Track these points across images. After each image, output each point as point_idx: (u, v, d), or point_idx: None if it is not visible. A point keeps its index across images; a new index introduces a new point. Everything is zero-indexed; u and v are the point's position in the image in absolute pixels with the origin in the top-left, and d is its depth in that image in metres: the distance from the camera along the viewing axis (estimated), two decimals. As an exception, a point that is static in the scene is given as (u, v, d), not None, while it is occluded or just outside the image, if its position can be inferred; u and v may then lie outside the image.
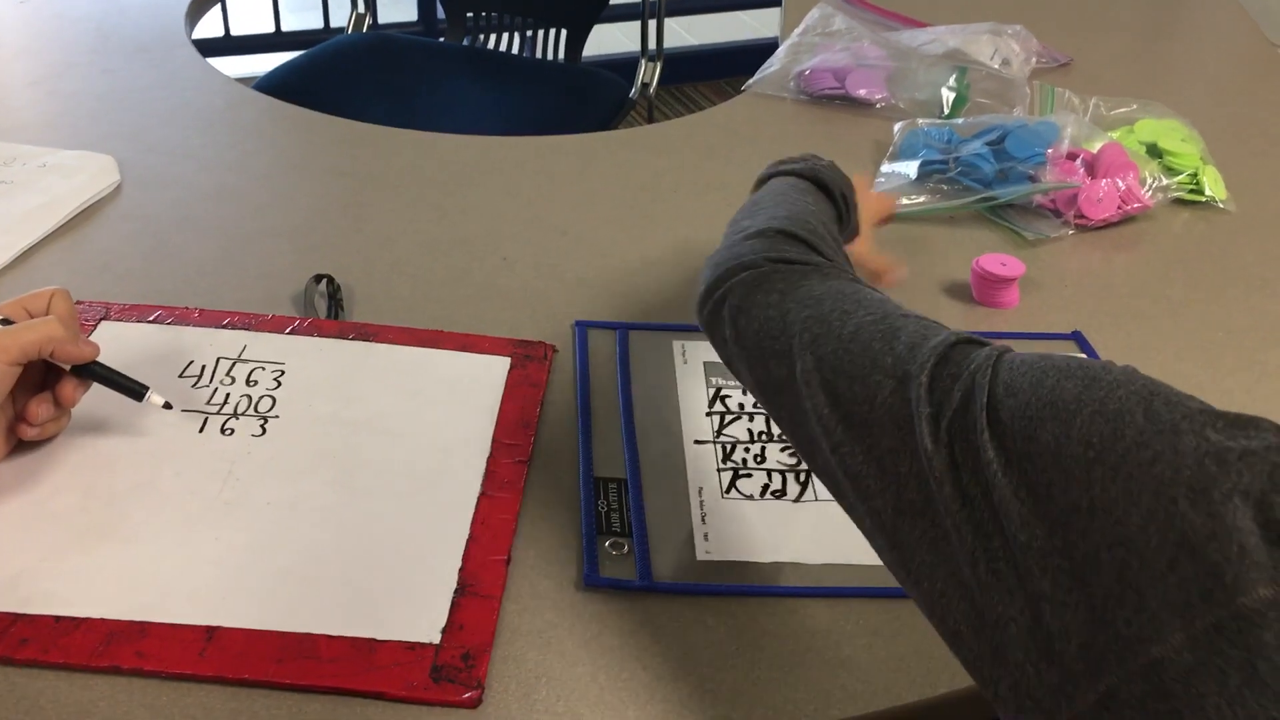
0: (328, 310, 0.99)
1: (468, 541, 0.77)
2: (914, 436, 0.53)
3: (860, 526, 0.58)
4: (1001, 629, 0.48)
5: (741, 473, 0.85)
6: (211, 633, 0.69)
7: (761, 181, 0.89)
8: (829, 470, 0.59)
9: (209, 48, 1.53)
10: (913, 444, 0.53)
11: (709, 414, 0.90)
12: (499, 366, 0.93)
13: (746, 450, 0.87)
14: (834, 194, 0.85)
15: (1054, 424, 0.48)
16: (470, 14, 2.15)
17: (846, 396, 0.58)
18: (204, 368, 0.90)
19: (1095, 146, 1.23)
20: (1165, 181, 1.22)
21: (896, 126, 1.31)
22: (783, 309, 0.65)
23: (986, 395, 0.51)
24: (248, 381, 0.89)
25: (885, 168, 1.26)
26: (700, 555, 0.78)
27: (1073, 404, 0.48)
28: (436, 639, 0.70)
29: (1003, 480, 0.49)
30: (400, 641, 0.70)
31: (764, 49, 1.54)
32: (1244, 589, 0.40)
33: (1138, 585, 0.43)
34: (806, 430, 0.60)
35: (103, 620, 0.69)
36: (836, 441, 0.58)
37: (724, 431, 0.89)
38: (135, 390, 0.82)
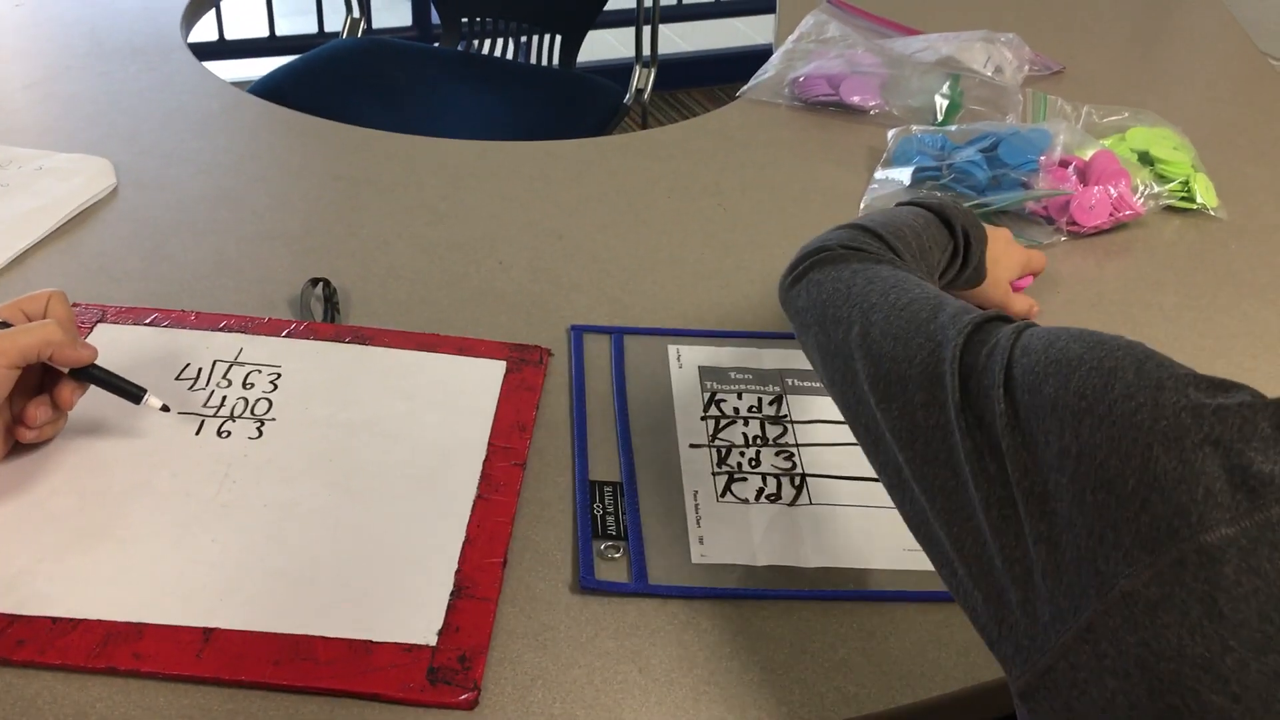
0: (324, 313, 0.99)
1: (464, 544, 0.77)
2: (943, 391, 0.58)
3: (889, 480, 0.63)
4: (1009, 569, 0.52)
5: (736, 476, 0.85)
6: (208, 634, 0.69)
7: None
8: (871, 426, 0.64)
9: (203, 51, 1.52)
10: (942, 398, 0.58)
11: (704, 418, 0.91)
12: (495, 370, 0.93)
13: (741, 454, 0.87)
14: (954, 228, 0.88)
15: (1055, 379, 0.52)
16: (465, 19, 2.15)
17: (890, 355, 0.64)
18: (200, 370, 0.90)
19: (1087, 154, 1.24)
20: (1157, 189, 1.23)
21: (890, 133, 1.32)
22: (850, 283, 0.72)
23: (1007, 356, 0.56)
24: (244, 384, 0.89)
25: (879, 174, 1.26)
26: (695, 558, 0.78)
27: (1074, 360, 0.53)
28: (433, 641, 0.70)
29: (1009, 430, 0.53)
30: (397, 643, 0.70)
31: (758, 55, 1.55)
32: (1207, 527, 0.44)
33: (1115, 524, 0.47)
34: (856, 390, 0.66)
35: (100, 621, 0.70)
36: (880, 396, 0.63)
37: (719, 435, 0.89)
38: (133, 393, 0.82)
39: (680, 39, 3.47)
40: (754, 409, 0.92)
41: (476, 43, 2.16)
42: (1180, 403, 0.47)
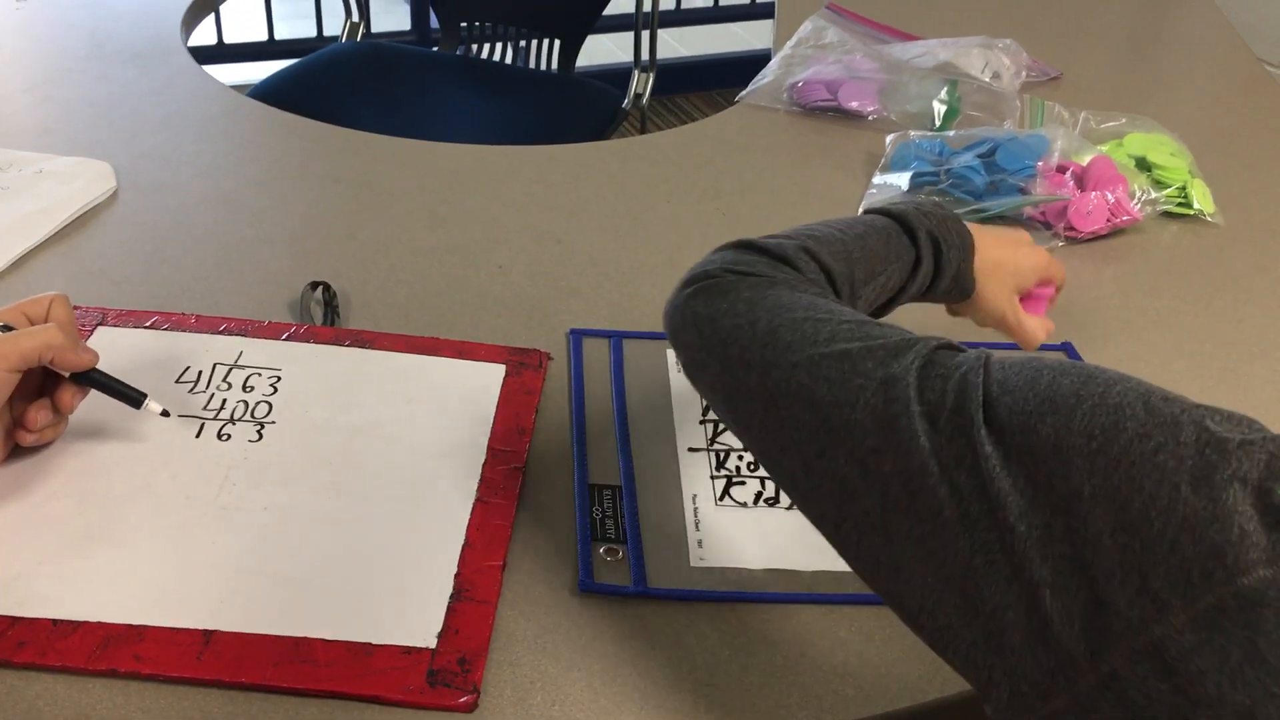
0: (324, 317, 0.99)
1: (463, 547, 0.77)
2: (897, 435, 0.54)
3: (830, 531, 0.58)
4: (997, 618, 0.49)
5: (735, 480, 0.86)
6: (209, 636, 0.70)
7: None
8: (801, 476, 0.59)
9: (203, 55, 1.52)
10: (896, 442, 0.54)
11: (703, 421, 0.91)
12: (494, 374, 0.93)
13: (740, 458, 0.88)
14: (916, 235, 0.78)
15: (1053, 417, 0.49)
16: (464, 24, 2.16)
17: (826, 400, 0.57)
18: (200, 373, 0.91)
19: (1085, 160, 1.24)
20: (1154, 195, 1.24)
21: (888, 138, 1.32)
22: (750, 317, 0.64)
23: (981, 393, 0.53)
24: (244, 387, 0.90)
25: (877, 179, 1.27)
26: (694, 562, 0.79)
27: (1071, 398, 0.50)
28: (433, 643, 0.70)
29: (1001, 473, 0.50)
30: (396, 646, 0.70)
31: (756, 61, 1.55)
32: (1244, 569, 0.42)
33: (1140, 568, 0.45)
34: (780, 439, 0.60)
35: (100, 624, 0.70)
36: (818, 447, 0.57)
37: (717, 439, 0.89)
38: (133, 397, 0.82)
39: (679, 44, 3.48)
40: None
41: (475, 47, 2.16)
42: (1203, 439, 0.46)
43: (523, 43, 2.14)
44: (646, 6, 2.06)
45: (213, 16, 2.71)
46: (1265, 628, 0.42)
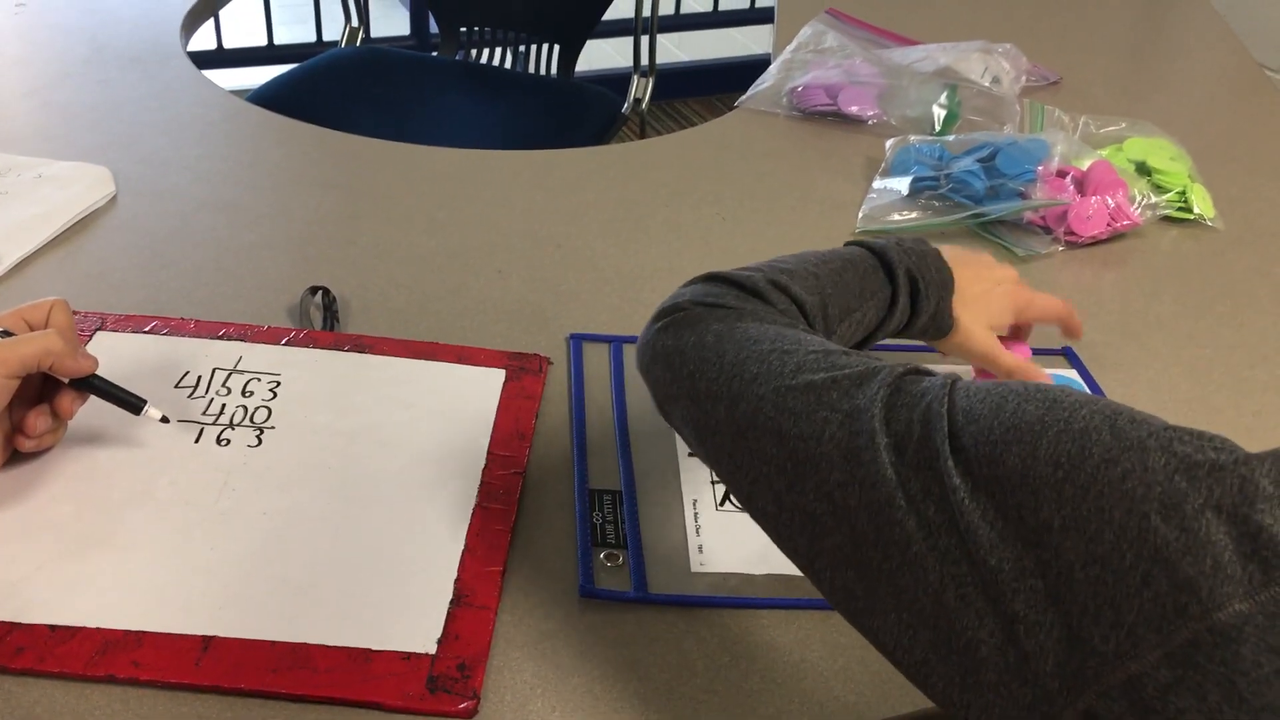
0: (323, 322, 0.99)
1: (463, 552, 0.77)
2: (863, 468, 0.53)
3: (803, 564, 0.57)
4: (971, 652, 0.48)
5: (735, 485, 0.85)
6: (207, 642, 0.69)
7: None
8: (773, 510, 0.58)
9: (202, 60, 1.53)
10: (862, 476, 0.53)
11: (703, 427, 0.91)
12: (494, 379, 0.93)
13: (740, 463, 0.87)
14: (895, 272, 0.77)
15: (1019, 446, 0.48)
16: (463, 29, 2.16)
17: (793, 434, 0.57)
18: (200, 378, 0.90)
19: (1085, 164, 1.24)
20: (1154, 199, 1.24)
21: (888, 143, 1.32)
22: (718, 350, 0.63)
23: (947, 423, 0.51)
24: (243, 392, 0.89)
25: (877, 184, 1.27)
26: (694, 567, 0.78)
27: (1036, 425, 0.48)
28: (432, 649, 0.70)
29: (970, 505, 0.48)
30: (396, 651, 0.70)
31: (756, 65, 1.55)
32: (1219, 603, 0.41)
33: (1113, 601, 0.43)
34: (750, 472, 0.59)
35: (99, 629, 0.69)
36: (787, 481, 0.56)
37: (718, 444, 0.89)
38: (133, 404, 0.82)
39: (678, 49, 3.48)
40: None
41: (475, 52, 2.16)
42: (1170, 464, 0.44)
43: (522, 48, 2.14)
44: (646, 11, 2.07)
45: (212, 21, 2.71)
46: (1243, 665, 0.40)
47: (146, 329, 0.95)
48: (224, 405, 0.88)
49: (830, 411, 0.56)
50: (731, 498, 0.84)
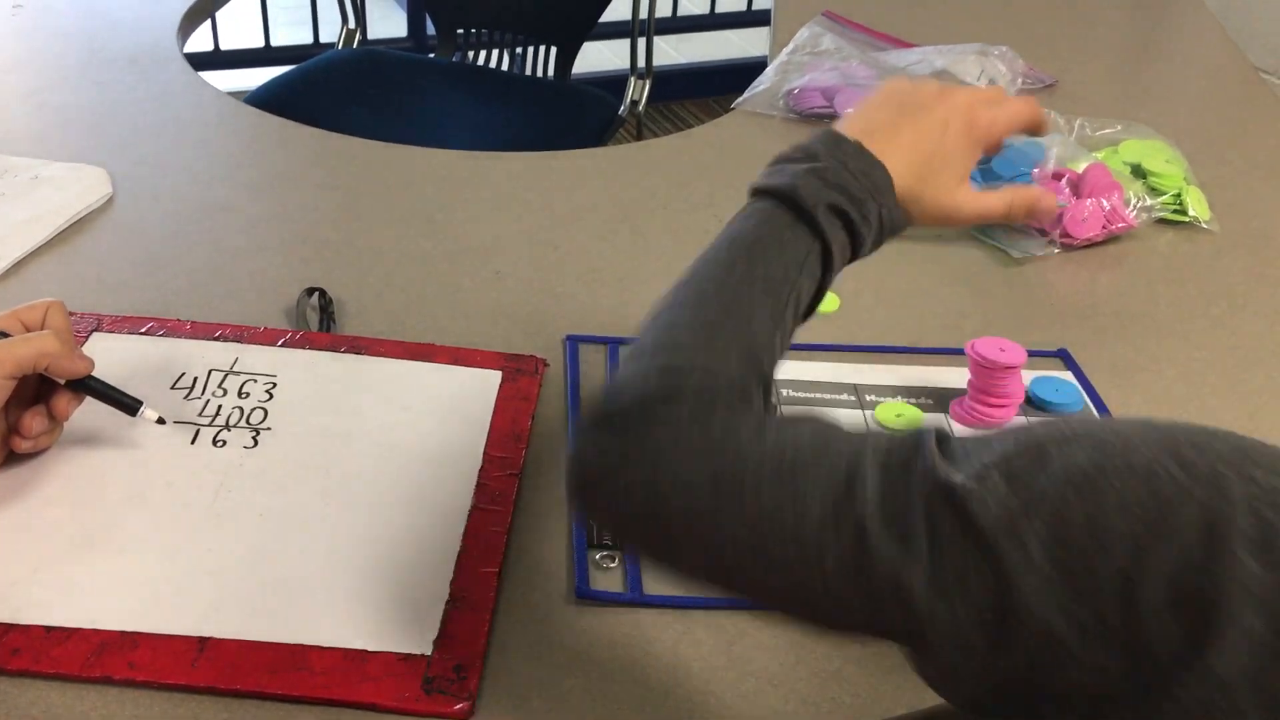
0: (319, 323, 0.99)
1: (459, 554, 0.77)
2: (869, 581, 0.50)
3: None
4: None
5: (731, 487, 0.85)
6: (203, 643, 0.69)
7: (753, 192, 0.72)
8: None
9: (199, 62, 1.53)
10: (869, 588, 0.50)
11: (699, 429, 0.91)
12: (490, 380, 0.93)
13: (736, 465, 0.87)
14: (816, 219, 0.65)
15: (1079, 501, 0.45)
16: (460, 31, 2.16)
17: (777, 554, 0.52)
18: (196, 379, 0.90)
19: (1080, 167, 1.24)
20: (1149, 202, 1.24)
21: (885, 145, 1.32)
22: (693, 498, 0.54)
23: (975, 502, 0.47)
24: (240, 394, 0.89)
25: (873, 186, 1.27)
26: (690, 568, 0.78)
27: (1094, 473, 0.45)
28: (428, 650, 0.70)
29: (1027, 577, 0.45)
30: (392, 653, 0.70)
31: (752, 68, 1.55)
32: None
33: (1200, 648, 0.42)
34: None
35: (95, 630, 0.69)
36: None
37: (714, 446, 0.89)
38: (129, 405, 0.82)
39: (675, 51, 3.48)
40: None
41: (472, 54, 2.16)
42: (1252, 492, 0.42)
43: (519, 49, 2.14)
44: (643, 13, 2.07)
45: (209, 23, 2.71)
46: None
47: (143, 330, 0.95)
48: (220, 406, 0.88)
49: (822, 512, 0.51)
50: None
